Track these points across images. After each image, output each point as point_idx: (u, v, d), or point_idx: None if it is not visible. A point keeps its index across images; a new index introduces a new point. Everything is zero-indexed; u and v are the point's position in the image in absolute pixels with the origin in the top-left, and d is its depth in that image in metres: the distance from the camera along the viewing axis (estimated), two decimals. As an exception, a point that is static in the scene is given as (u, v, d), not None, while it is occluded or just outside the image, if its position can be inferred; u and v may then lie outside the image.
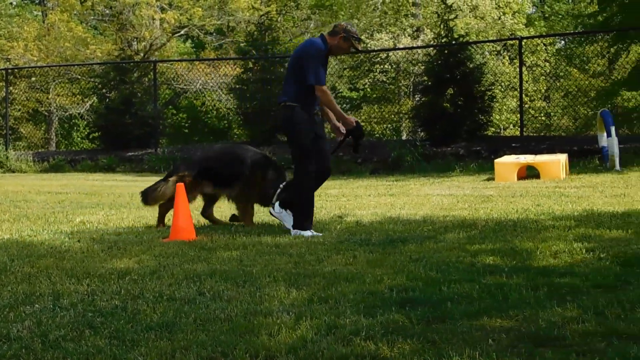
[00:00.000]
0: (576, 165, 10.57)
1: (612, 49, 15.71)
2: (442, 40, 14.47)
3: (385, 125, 18.95)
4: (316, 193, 9.18)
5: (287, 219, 5.21)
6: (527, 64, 19.83)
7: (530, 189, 8.04)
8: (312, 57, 5.02)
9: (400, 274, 3.60)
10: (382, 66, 20.42)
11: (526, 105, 19.01)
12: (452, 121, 13.55)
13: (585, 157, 11.28)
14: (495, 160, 10.14)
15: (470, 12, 22.90)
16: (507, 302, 2.98)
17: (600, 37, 15.50)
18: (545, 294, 3.08)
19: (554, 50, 22.11)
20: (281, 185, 5.45)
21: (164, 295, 3.27)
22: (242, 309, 2.96)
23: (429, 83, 14.51)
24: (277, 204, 5.33)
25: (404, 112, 17.93)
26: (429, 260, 3.96)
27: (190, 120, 21.45)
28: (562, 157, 9.87)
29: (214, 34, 25.73)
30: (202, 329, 2.69)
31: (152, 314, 2.95)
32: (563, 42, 23.19)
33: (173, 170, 5.90)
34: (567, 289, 3.17)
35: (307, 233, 4.98)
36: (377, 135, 18.32)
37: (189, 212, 5.17)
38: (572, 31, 22.44)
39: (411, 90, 19.70)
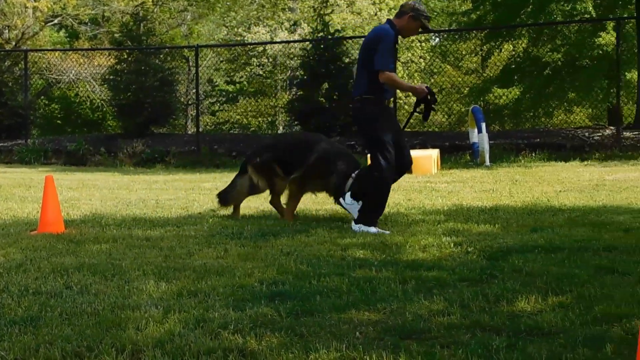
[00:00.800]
0: (447, 161, 11.26)
1: (485, 46, 16.90)
2: (318, 35, 15.03)
3: (261, 119, 19.38)
4: (189, 186, 9.50)
5: (356, 210, 5.07)
6: (401, 60, 20.83)
7: (401, 184, 8.41)
8: (378, 44, 4.93)
9: (271, 268, 3.70)
10: (259, 60, 20.99)
11: (401, 101, 19.95)
12: (326, 115, 14.10)
13: (456, 152, 12.09)
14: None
15: (347, 7, 23.88)
16: (375, 295, 3.08)
17: (473, 35, 16.56)
18: (413, 287, 3.21)
19: (429, 47, 23.37)
20: (353, 175, 5.30)
21: (30, 289, 3.32)
22: (110, 303, 3.01)
23: (305, 77, 15.03)
24: (348, 194, 5.19)
25: (280, 105, 18.35)
26: (300, 253, 4.10)
27: (63, 111, 20.82)
28: (434, 153, 10.45)
29: (89, 23, 25.82)
30: (68, 323, 2.73)
31: (16, 308, 2.99)
32: (437, 39, 24.48)
33: (245, 161, 5.96)
34: (435, 282, 3.31)
35: (373, 229, 4.83)
36: (253, 128, 18.58)
37: (58, 204, 5.15)
38: (446, 28, 23.72)
39: (288, 84, 20.29)
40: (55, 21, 23.89)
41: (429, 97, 5.07)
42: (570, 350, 2.25)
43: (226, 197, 5.92)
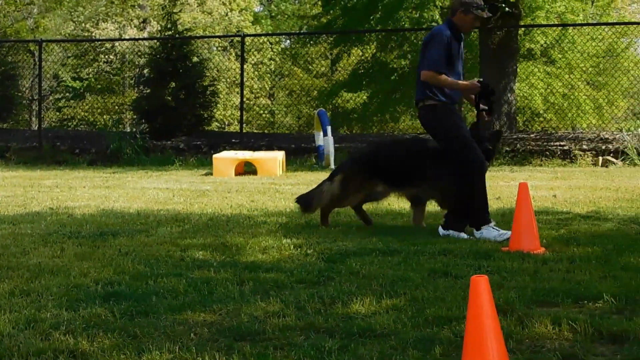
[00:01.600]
0: (293, 163, 11.62)
1: (334, 50, 17.63)
2: (167, 34, 15.10)
3: (107, 117, 19.13)
4: (28, 184, 9.39)
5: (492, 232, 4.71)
6: (252, 62, 21.13)
7: (246, 185, 8.69)
8: (428, 43, 4.83)
9: (108, 268, 3.75)
10: (107, 56, 21.17)
11: (251, 102, 20.18)
12: (173, 115, 14.31)
13: (302, 155, 12.51)
14: (214, 156, 10.78)
15: (197, 6, 24.36)
16: (212, 296, 3.14)
17: (323, 38, 17.15)
18: (251, 289, 3.27)
19: (279, 49, 24.05)
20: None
21: None
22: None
23: (152, 75, 15.09)
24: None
25: (127, 103, 18.27)
26: (138, 254, 4.13)
27: None
28: (279, 155, 10.74)
29: None
30: None
31: None
32: (288, 41, 25.12)
33: (339, 168, 5.50)
34: (272, 284, 3.37)
35: (492, 232, 4.61)
36: (100, 126, 18.28)
37: None
38: (297, 31, 24.51)
39: (135, 82, 20.00)
40: None
41: (485, 90, 4.89)
42: (401, 352, 2.34)
43: (309, 202, 5.35)
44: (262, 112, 19.42)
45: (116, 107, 18.54)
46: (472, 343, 1.90)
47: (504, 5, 12.68)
